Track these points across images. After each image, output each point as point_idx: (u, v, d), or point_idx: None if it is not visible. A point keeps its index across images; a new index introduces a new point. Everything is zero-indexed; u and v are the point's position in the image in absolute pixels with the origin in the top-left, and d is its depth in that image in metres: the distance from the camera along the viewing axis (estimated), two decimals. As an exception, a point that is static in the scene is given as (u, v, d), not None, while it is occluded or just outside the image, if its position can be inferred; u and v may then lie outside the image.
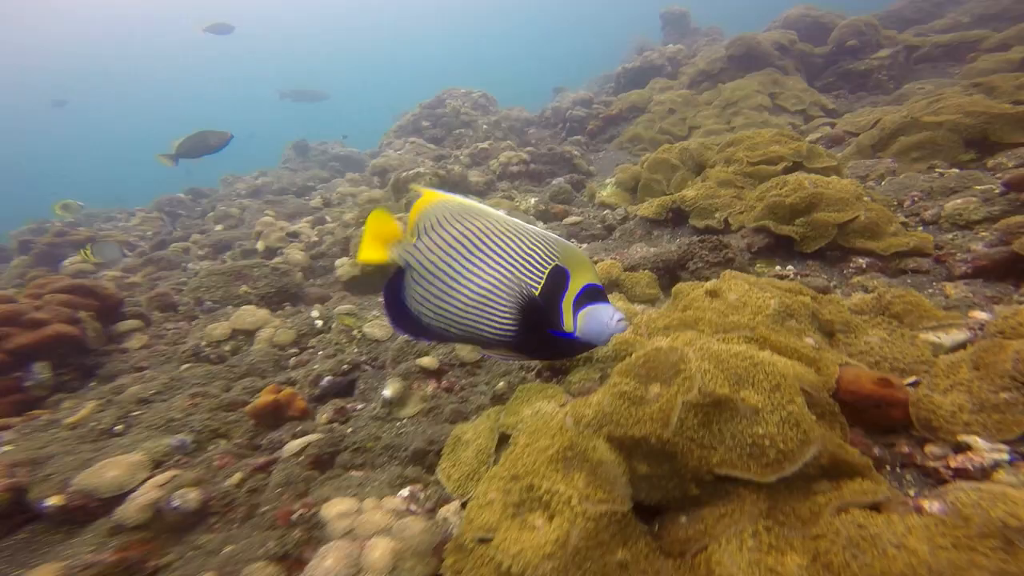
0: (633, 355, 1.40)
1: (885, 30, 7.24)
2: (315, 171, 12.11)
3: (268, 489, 2.03)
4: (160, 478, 2.04)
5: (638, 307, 2.38)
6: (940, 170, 3.62)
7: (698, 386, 1.25)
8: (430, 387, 2.52)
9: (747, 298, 1.78)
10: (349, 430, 2.36)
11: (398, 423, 2.36)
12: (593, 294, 1.28)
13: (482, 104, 12.12)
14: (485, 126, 10.91)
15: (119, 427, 2.50)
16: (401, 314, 1.38)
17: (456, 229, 1.30)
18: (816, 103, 6.48)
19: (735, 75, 7.48)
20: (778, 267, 2.71)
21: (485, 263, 1.28)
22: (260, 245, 5.62)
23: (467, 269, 1.28)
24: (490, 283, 1.28)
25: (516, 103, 12.89)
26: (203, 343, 3.19)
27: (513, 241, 1.28)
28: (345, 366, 2.82)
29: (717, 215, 2.99)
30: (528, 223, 1.38)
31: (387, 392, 2.41)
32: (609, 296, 2.83)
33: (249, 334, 3.33)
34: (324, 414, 2.48)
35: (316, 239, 5.50)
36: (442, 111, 11.64)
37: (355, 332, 3.19)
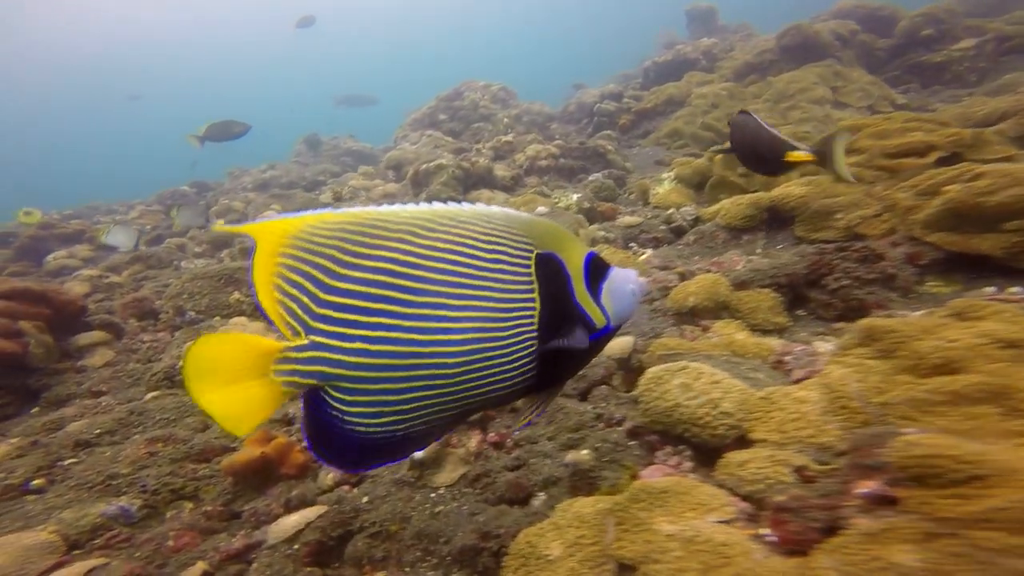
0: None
1: (968, 19, 6.49)
2: (326, 165, 11.60)
3: (245, 599, 1.39)
4: (70, 571, 1.41)
5: (775, 343, 1.72)
6: None
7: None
8: (473, 441, 1.87)
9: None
10: (364, 499, 1.71)
11: (432, 494, 1.71)
12: (598, 266, 0.97)
13: (501, 97, 11.55)
14: (506, 120, 10.32)
15: (37, 482, 1.87)
16: (352, 449, 0.88)
17: (368, 271, 0.82)
18: (885, 97, 5.78)
19: (787, 67, 6.78)
20: (990, 288, 1.86)
21: (448, 291, 0.84)
22: (261, 242, 5.00)
23: (429, 323, 0.83)
24: (475, 315, 0.85)
25: (534, 100, 12.33)
26: (179, 364, 2.56)
27: (464, 241, 0.87)
28: (357, 401, 2.18)
29: (839, 217, 2.32)
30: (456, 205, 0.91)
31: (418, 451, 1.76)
32: (720, 324, 2.18)
33: (239, 352, 2.70)
34: (331, 472, 1.84)
35: (324, 237, 4.87)
36: (460, 104, 11.07)
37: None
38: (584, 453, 1.50)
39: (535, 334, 0.88)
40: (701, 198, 3.61)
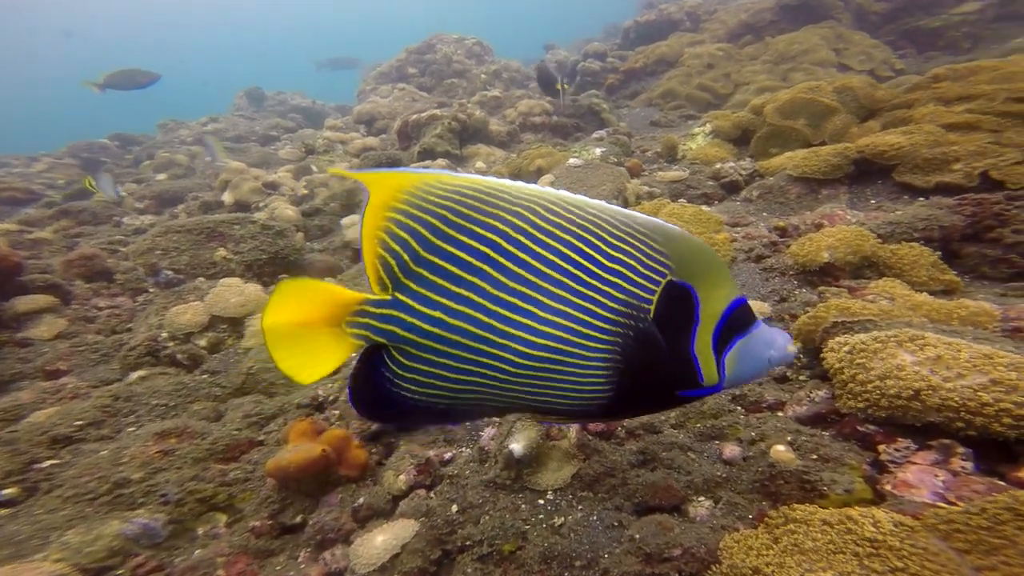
0: None
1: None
2: (276, 120, 10.62)
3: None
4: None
5: (988, 305, 1.41)
6: None
7: None
8: (572, 431, 1.52)
9: None
10: (454, 508, 1.34)
11: (541, 501, 1.36)
12: (741, 320, 0.80)
13: (476, 52, 10.85)
14: (484, 76, 9.71)
15: (10, 491, 1.37)
16: (390, 408, 0.82)
17: (475, 237, 0.75)
18: (886, 61, 5.72)
19: (786, 28, 6.63)
20: None
21: (546, 287, 0.75)
22: (228, 197, 4.33)
23: (513, 314, 0.74)
24: (563, 323, 0.75)
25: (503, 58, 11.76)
26: (163, 335, 2.02)
27: (587, 237, 0.76)
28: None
29: (958, 167, 2.10)
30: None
31: (517, 446, 1.39)
32: (882, 283, 1.82)
33: (235, 323, 2.19)
34: (401, 474, 1.44)
35: (305, 192, 4.26)
36: (432, 57, 10.31)
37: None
38: (781, 449, 1.18)
39: (622, 368, 0.78)
40: (745, 152, 3.35)
